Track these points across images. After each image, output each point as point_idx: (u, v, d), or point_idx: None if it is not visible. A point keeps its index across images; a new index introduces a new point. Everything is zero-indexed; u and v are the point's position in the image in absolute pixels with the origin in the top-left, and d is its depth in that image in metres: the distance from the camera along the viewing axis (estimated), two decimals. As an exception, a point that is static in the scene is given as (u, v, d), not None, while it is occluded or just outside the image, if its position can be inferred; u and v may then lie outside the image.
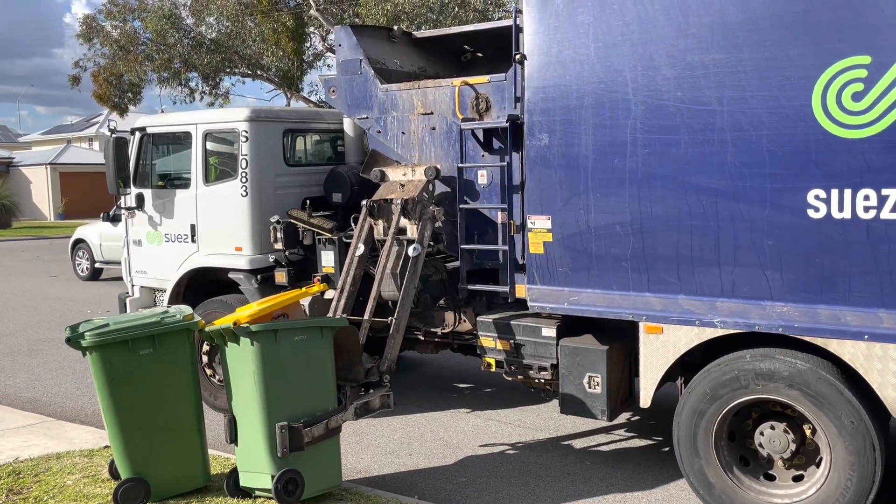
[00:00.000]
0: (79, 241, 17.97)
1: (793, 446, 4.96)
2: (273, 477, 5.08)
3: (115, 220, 17.24)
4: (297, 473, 5.14)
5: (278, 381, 5.10)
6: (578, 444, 6.70)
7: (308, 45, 27.66)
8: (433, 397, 7.94)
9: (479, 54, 7.82)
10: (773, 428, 4.99)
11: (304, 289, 5.65)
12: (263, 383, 5.06)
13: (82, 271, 17.96)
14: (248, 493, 5.36)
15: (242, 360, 5.12)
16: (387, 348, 5.90)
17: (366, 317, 5.97)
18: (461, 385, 8.53)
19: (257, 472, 5.24)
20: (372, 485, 5.80)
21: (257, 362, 5.04)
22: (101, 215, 17.74)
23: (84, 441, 6.62)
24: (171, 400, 5.31)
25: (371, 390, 5.78)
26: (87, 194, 38.68)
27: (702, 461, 5.13)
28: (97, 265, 17.55)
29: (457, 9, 21.64)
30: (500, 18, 22.33)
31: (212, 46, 25.05)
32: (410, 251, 6.04)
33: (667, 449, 6.51)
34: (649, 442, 6.71)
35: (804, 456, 5.02)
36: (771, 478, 5.13)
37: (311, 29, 27.12)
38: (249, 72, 26.60)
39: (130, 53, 24.35)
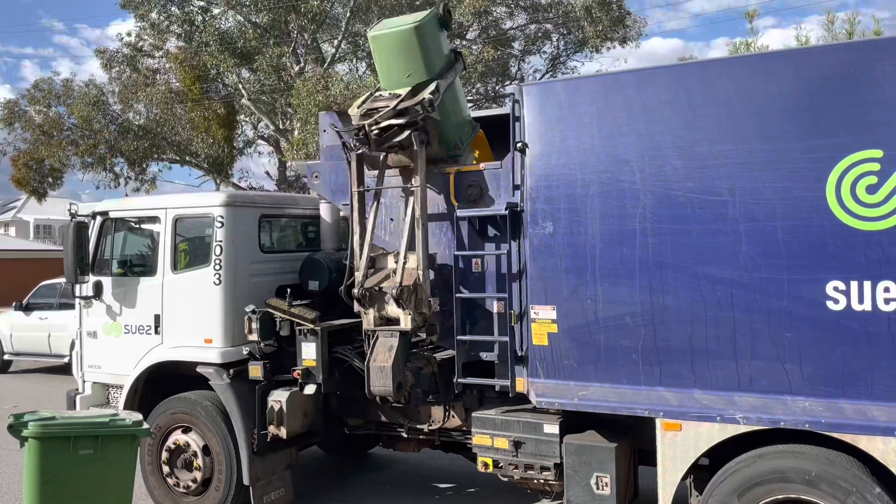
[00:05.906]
0: (-13, 331, 16.92)
1: None
2: None
3: (27, 309, 16.39)
4: None
5: None
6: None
7: (239, 132, 27.45)
8: (348, 489, 7.65)
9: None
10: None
11: None
12: None
13: (-9, 364, 16.83)
14: None
15: None
16: None
17: None
18: (370, 475, 8.23)
19: None
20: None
21: None
22: (13, 304, 16.81)
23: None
24: None
25: None
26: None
27: None
28: (6, 357, 16.67)
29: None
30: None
31: (139, 132, 24.55)
32: None
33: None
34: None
35: None
36: None
37: (243, 117, 26.97)
38: (178, 157, 26.09)
39: (53, 138, 23.59)
